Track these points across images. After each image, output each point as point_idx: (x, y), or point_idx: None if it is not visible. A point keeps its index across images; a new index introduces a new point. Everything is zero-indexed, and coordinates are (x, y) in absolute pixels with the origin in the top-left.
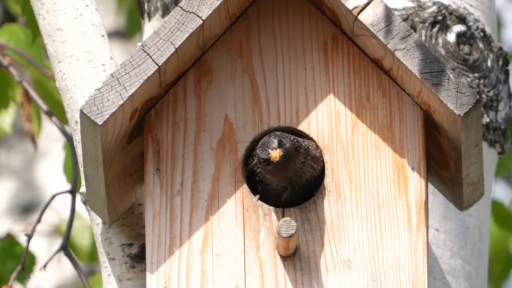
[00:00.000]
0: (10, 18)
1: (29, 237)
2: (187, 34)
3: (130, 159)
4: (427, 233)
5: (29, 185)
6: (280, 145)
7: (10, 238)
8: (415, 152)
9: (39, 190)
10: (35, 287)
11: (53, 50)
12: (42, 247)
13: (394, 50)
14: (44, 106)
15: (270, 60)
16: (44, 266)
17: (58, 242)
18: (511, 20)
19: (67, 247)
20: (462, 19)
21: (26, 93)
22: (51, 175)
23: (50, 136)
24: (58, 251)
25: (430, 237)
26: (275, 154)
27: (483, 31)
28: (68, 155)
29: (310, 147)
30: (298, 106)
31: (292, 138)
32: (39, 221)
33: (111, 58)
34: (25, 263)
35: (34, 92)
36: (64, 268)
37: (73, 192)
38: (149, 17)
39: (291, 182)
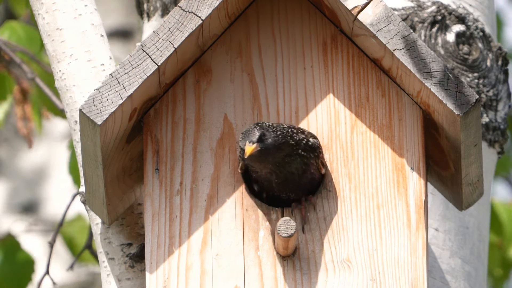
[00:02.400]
0: (11, 15)
1: (52, 243)
2: (187, 34)
3: (129, 159)
4: (427, 232)
5: (29, 184)
6: (260, 139)
7: (10, 239)
8: (414, 152)
9: (40, 190)
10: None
11: (53, 50)
12: (41, 246)
13: (394, 50)
14: (59, 104)
15: (269, 60)
16: (71, 266)
17: (58, 241)
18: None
19: (92, 246)
20: (461, 19)
21: (22, 92)
22: (51, 175)
23: (51, 136)
24: (83, 250)
25: (430, 237)
26: (249, 149)
27: (483, 30)
28: (74, 155)
29: (304, 140)
30: (297, 105)
31: (279, 133)
32: (61, 224)
33: (110, 58)
34: (24, 266)
35: (47, 89)
36: (65, 267)
37: None
38: (148, 17)
39: (273, 171)
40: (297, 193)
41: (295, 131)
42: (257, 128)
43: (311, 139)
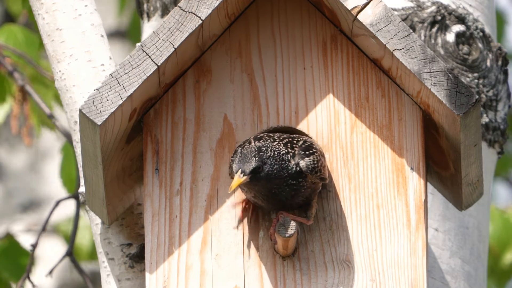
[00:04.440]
0: (9, 18)
1: (34, 246)
2: (186, 34)
3: (129, 159)
4: (426, 233)
5: (28, 184)
6: (255, 171)
7: (9, 239)
8: (414, 152)
9: (39, 190)
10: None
11: (52, 50)
12: (40, 246)
13: (393, 50)
14: (47, 110)
15: (269, 60)
16: (50, 272)
17: (55, 242)
18: None
19: (72, 253)
20: (461, 19)
21: (22, 91)
22: (51, 175)
23: (51, 136)
24: (63, 257)
25: (430, 237)
26: (237, 181)
27: (482, 31)
28: (65, 159)
29: (294, 167)
30: (297, 106)
31: (275, 167)
32: (44, 229)
33: (110, 58)
34: (24, 260)
35: (37, 96)
36: (65, 268)
37: (77, 197)
38: (148, 17)
39: (257, 197)
40: (289, 209)
41: (290, 155)
42: (257, 157)
43: (301, 162)
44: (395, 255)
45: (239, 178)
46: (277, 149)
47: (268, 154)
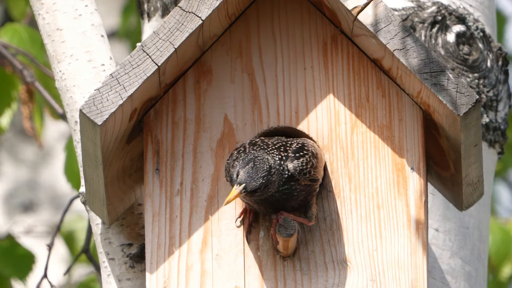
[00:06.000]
0: (10, 18)
1: (50, 246)
2: (187, 34)
3: (129, 159)
4: (427, 233)
5: (29, 184)
6: (256, 191)
7: (10, 239)
8: (414, 152)
9: (40, 190)
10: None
11: (53, 50)
12: (40, 246)
13: (394, 50)
14: (58, 108)
15: (269, 60)
16: (68, 271)
17: (56, 242)
18: None
19: (89, 250)
20: (461, 19)
21: (28, 92)
22: (53, 174)
23: (52, 135)
24: (80, 253)
25: (430, 237)
26: (235, 195)
27: (483, 31)
28: (69, 156)
29: (286, 172)
30: (297, 106)
31: (276, 184)
32: (58, 229)
33: (111, 58)
34: (25, 263)
35: (47, 94)
36: (65, 266)
37: None
38: (149, 17)
39: (250, 203)
40: (286, 209)
41: (283, 161)
42: (265, 179)
43: (289, 165)
44: (396, 255)
45: (238, 192)
46: (280, 168)
47: (274, 179)
